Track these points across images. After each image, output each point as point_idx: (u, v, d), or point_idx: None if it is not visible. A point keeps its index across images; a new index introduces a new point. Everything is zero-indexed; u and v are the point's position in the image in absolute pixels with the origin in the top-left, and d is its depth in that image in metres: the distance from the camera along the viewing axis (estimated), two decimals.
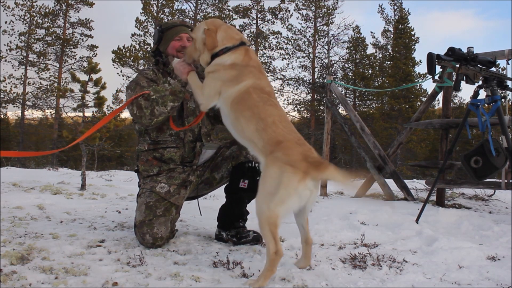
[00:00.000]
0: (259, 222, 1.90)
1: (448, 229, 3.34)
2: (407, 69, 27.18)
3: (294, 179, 1.85)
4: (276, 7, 30.67)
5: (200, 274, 2.00)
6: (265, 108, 2.07)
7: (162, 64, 2.86)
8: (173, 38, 2.82)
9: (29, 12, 27.68)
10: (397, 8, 29.47)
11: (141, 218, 2.54)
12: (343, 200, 5.32)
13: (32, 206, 3.87)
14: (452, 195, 5.45)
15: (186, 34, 2.84)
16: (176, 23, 2.92)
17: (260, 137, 2.00)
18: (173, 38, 2.82)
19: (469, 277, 2.05)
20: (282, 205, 1.86)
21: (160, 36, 2.84)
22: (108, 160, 24.80)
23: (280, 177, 1.86)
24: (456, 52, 3.24)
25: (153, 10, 28.50)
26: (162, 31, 2.84)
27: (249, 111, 2.06)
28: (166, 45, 2.84)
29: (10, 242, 2.47)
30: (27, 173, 8.63)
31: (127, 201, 4.63)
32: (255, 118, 2.04)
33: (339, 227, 3.17)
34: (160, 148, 2.71)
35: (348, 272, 2.12)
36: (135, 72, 27.44)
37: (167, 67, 2.84)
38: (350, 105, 6.41)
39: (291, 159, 1.88)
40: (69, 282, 1.85)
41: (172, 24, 2.88)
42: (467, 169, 3.41)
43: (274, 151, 1.92)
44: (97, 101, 6.16)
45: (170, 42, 2.82)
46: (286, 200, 1.86)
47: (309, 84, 30.03)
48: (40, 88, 27.83)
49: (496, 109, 3.26)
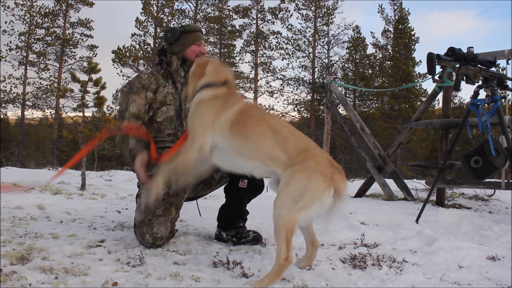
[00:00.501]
0: (276, 227, 1.85)
1: (448, 229, 3.34)
2: (407, 69, 27.18)
3: (322, 186, 1.84)
4: (276, 7, 30.68)
5: (200, 274, 2.00)
6: (275, 120, 2.04)
7: (165, 64, 2.85)
8: (194, 42, 2.84)
9: (29, 12, 27.68)
10: (397, 8, 29.48)
11: (141, 218, 2.54)
12: None
13: (32, 206, 3.87)
14: (452, 195, 5.45)
15: (203, 40, 2.90)
16: (197, 28, 2.94)
17: (283, 149, 1.93)
18: (194, 42, 2.84)
19: (469, 277, 2.05)
20: (304, 211, 1.83)
21: (178, 37, 2.82)
22: (108, 160, 24.79)
23: (308, 184, 1.83)
24: (456, 52, 3.24)
25: (153, 10, 28.51)
26: (184, 32, 2.83)
27: (260, 126, 1.99)
28: (184, 47, 2.83)
29: (10, 242, 2.47)
30: (27, 173, 8.63)
31: (127, 201, 4.63)
32: (270, 131, 1.96)
33: (339, 227, 3.17)
34: (158, 148, 2.71)
35: (348, 272, 2.11)
36: (135, 72, 27.46)
37: (170, 67, 2.83)
38: (350, 105, 6.41)
39: (321, 166, 1.87)
40: (69, 282, 1.85)
41: (194, 28, 2.89)
42: (467, 169, 3.41)
43: (305, 160, 1.88)
44: (97, 101, 6.17)
45: (190, 45, 2.83)
46: (310, 206, 1.84)
47: (309, 84, 30.03)
48: (40, 88, 27.85)
49: (496, 109, 3.26)
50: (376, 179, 5.61)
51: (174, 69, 2.83)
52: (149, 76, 2.77)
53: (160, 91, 2.75)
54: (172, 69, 2.82)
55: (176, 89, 2.80)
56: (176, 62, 2.84)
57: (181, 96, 2.49)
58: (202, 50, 2.86)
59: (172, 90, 2.79)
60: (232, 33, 30.50)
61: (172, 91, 2.78)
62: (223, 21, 30.03)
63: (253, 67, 31.00)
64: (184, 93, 2.41)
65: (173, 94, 2.78)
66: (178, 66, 2.85)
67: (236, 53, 31.22)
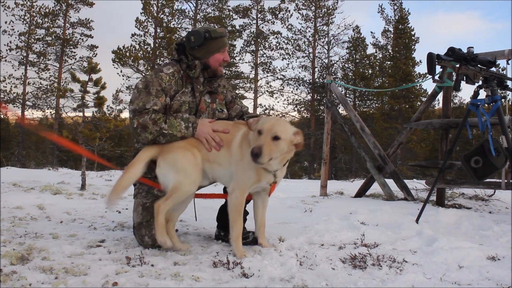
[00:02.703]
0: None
1: (448, 229, 3.34)
2: (407, 69, 27.18)
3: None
4: (276, 7, 30.68)
5: (200, 274, 2.00)
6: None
7: (186, 66, 2.66)
8: (219, 50, 2.69)
9: (29, 12, 27.68)
10: (397, 8, 29.47)
11: (139, 220, 2.53)
12: (343, 200, 5.33)
13: (32, 206, 3.87)
14: (452, 195, 5.45)
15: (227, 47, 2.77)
16: (223, 33, 2.73)
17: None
18: (219, 50, 2.69)
19: (469, 277, 2.05)
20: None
21: (202, 42, 2.63)
22: (108, 160, 24.80)
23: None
24: (456, 52, 3.24)
25: (153, 10, 28.50)
26: (210, 38, 2.64)
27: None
28: (207, 54, 2.67)
29: (10, 242, 2.47)
30: (27, 173, 8.63)
31: (127, 201, 4.64)
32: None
33: (339, 227, 3.17)
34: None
35: (348, 272, 2.11)
36: (135, 72, 27.48)
37: (191, 70, 2.65)
38: (350, 105, 6.41)
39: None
40: (69, 282, 1.85)
41: (219, 34, 2.69)
42: (467, 169, 3.41)
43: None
44: (97, 101, 6.17)
45: (215, 53, 2.67)
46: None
47: (309, 84, 30.03)
48: (40, 88, 27.86)
49: (496, 109, 3.26)
50: (376, 179, 5.61)
51: (195, 76, 2.67)
52: (170, 78, 2.58)
53: (177, 99, 2.58)
54: (194, 74, 2.66)
55: (194, 97, 2.65)
56: (199, 68, 2.66)
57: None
58: (225, 58, 2.73)
59: (189, 99, 2.63)
60: (232, 33, 30.49)
61: (189, 99, 2.63)
62: (223, 21, 30.01)
63: (253, 67, 31.02)
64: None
65: (189, 103, 2.63)
66: (200, 73, 2.69)
67: (236, 53, 31.22)
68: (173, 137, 2.46)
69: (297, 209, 4.32)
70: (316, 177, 19.97)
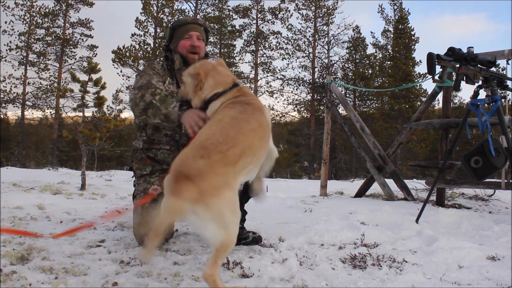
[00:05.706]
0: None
1: (448, 229, 3.34)
2: (407, 69, 27.18)
3: None
4: (276, 7, 30.68)
5: (200, 274, 2.00)
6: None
7: (170, 60, 2.76)
8: (183, 36, 2.73)
9: (29, 12, 27.67)
10: (397, 8, 29.48)
11: (138, 220, 2.54)
12: (343, 200, 5.33)
13: (32, 206, 3.87)
14: (452, 195, 5.45)
15: (196, 32, 2.75)
16: (187, 20, 2.80)
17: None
18: (183, 36, 2.73)
19: (469, 277, 2.05)
20: None
21: (171, 34, 2.78)
22: (108, 160, 24.82)
23: None
24: (456, 52, 3.23)
25: (153, 10, 28.51)
26: (174, 28, 2.76)
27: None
28: (176, 44, 2.76)
29: (10, 242, 2.47)
30: (27, 173, 8.63)
31: (127, 201, 4.63)
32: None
33: (339, 227, 3.17)
34: (154, 148, 2.69)
35: (348, 272, 2.11)
36: (135, 72, 27.45)
37: (174, 64, 2.75)
38: (350, 105, 6.40)
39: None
40: (69, 282, 1.85)
41: (183, 22, 2.77)
42: (467, 169, 3.41)
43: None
44: (97, 101, 6.17)
45: (179, 40, 2.74)
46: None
47: (309, 84, 30.03)
48: (40, 88, 27.84)
49: (496, 109, 3.26)
50: (376, 179, 5.61)
51: (177, 68, 2.75)
52: (161, 67, 2.71)
53: (165, 88, 2.67)
54: (176, 66, 2.75)
55: (178, 88, 2.70)
56: (179, 60, 2.75)
57: (178, 97, 2.37)
58: (192, 43, 2.71)
59: (175, 89, 2.71)
60: (232, 33, 30.50)
61: (176, 90, 2.70)
62: (223, 21, 30.03)
63: (253, 67, 31.01)
64: (183, 95, 2.31)
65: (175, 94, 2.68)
66: (181, 65, 2.75)
67: (236, 53, 31.23)
68: (158, 111, 2.37)
69: (297, 209, 4.32)
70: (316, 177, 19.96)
